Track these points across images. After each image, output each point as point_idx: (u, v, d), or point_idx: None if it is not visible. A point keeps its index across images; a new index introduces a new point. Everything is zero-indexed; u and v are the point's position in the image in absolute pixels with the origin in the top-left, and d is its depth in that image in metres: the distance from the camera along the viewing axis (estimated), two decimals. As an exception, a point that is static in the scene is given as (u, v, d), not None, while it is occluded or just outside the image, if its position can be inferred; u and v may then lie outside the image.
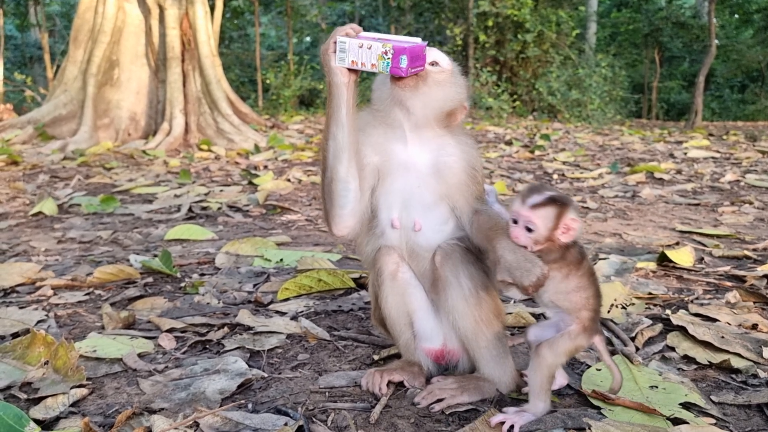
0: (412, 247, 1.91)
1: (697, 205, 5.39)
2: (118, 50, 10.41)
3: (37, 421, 1.72)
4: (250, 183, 6.44)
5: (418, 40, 1.75)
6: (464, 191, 1.88)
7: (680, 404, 1.77)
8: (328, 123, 1.80)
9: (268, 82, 17.94)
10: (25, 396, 1.91)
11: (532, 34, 17.47)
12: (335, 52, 1.72)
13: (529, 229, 1.62)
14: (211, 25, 11.01)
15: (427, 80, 1.81)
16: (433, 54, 1.85)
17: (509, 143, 10.36)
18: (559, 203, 1.62)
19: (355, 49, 1.69)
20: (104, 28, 10.22)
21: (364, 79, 1.92)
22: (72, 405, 1.86)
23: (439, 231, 1.89)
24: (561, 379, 1.84)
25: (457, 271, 1.83)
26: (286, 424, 1.70)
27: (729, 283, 3.02)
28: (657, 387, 1.88)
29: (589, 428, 1.57)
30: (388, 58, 1.68)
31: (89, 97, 10.05)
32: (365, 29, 1.78)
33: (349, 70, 1.74)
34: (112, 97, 10.39)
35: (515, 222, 1.65)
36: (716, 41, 19.81)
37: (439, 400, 1.82)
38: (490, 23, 17.88)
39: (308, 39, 30.92)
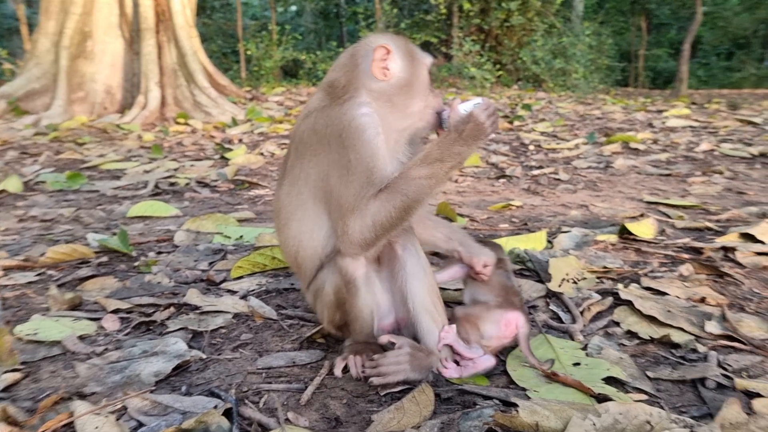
0: None
1: (669, 175, 5.38)
2: (91, 21, 10.16)
3: (-38, 408, 1.69)
4: (223, 157, 6.36)
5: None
6: None
7: (604, 380, 1.77)
8: (453, 166, 1.73)
9: (249, 53, 17.68)
10: (-44, 381, 1.88)
11: (516, 2, 17.26)
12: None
13: None
14: (186, -6, 10.77)
15: None
16: None
17: (490, 114, 10.27)
18: None
19: None
20: (75, -1, 9.98)
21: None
22: (3, 390, 1.84)
23: None
24: (488, 362, 1.85)
25: (414, 240, 1.87)
26: (215, 407, 1.68)
27: (686, 256, 3.02)
28: (579, 364, 1.88)
29: (515, 408, 1.56)
30: None
31: (62, 71, 9.84)
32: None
33: None
34: (86, 69, 10.17)
35: None
36: (703, 8, 19.63)
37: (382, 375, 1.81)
38: (474, -9, 17.65)
39: (294, 8, 30.37)
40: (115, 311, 2.43)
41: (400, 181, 1.71)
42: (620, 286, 2.54)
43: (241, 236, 3.48)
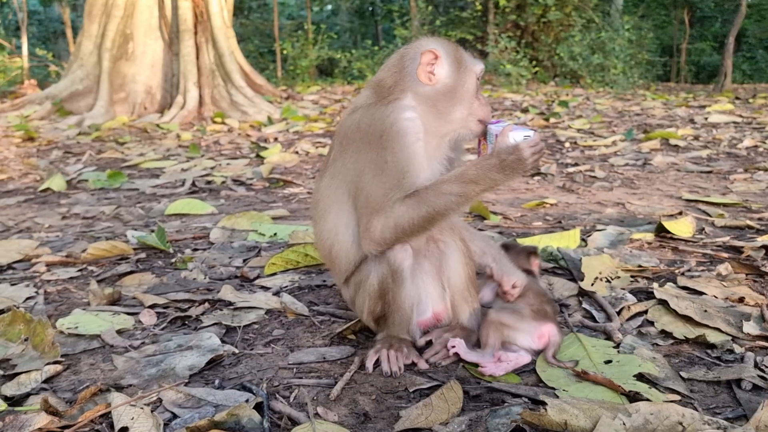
0: None
1: (709, 172, 5.25)
2: (132, 24, 10.41)
3: (6, 398, 1.76)
4: (258, 156, 6.45)
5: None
6: None
7: (635, 377, 1.75)
8: (484, 189, 1.77)
9: (285, 52, 17.85)
10: (1, 372, 1.95)
11: (553, -3, 17.03)
12: None
13: None
14: (224, -4, 10.94)
15: None
16: None
17: (525, 111, 10.19)
18: None
19: None
20: (117, 2, 10.24)
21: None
22: (45, 381, 1.90)
23: None
24: (524, 359, 1.85)
25: (453, 234, 1.97)
26: (247, 401, 1.72)
27: (725, 255, 2.95)
28: (611, 361, 1.86)
29: (544, 407, 1.55)
30: None
31: (105, 72, 10.11)
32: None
33: None
34: (127, 71, 10.42)
35: None
36: (748, 0, 19.04)
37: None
38: (510, -13, 17.47)
39: (329, 7, 30.55)
40: (152, 306, 2.49)
41: (430, 192, 1.74)
42: (655, 285, 2.50)
43: (275, 234, 3.53)
